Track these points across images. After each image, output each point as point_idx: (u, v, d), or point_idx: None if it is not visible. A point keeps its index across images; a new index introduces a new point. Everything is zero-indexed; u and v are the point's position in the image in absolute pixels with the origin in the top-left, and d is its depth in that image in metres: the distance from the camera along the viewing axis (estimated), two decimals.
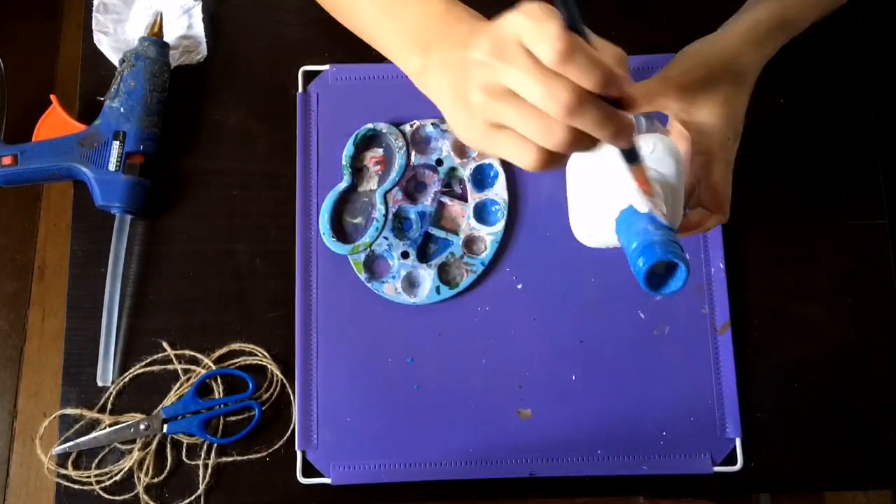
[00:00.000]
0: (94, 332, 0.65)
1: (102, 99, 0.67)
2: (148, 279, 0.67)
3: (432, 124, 0.68)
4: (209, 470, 0.63)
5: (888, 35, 0.70)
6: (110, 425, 0.64)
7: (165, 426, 0.63)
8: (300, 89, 0.69)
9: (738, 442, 0.64)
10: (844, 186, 0.69)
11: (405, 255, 0.66)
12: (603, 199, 0.49)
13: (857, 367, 0.66)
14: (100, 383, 0.64)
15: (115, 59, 0.70)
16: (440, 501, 0.64)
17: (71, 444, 0.63)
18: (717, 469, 0.63)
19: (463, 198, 0.68)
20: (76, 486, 0.63)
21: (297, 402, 0.64)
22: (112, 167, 0.65)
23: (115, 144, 0.66)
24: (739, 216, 0.67)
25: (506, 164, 0.68)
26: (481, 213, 0.67)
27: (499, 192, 0.67)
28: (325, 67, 0.70)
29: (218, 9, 0.72)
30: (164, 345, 0.65)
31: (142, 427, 0.63)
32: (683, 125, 0.53)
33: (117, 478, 0.63)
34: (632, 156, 0.44)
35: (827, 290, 0.67)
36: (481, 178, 0.68)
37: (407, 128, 0.68)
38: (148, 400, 0.65)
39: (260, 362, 0.65)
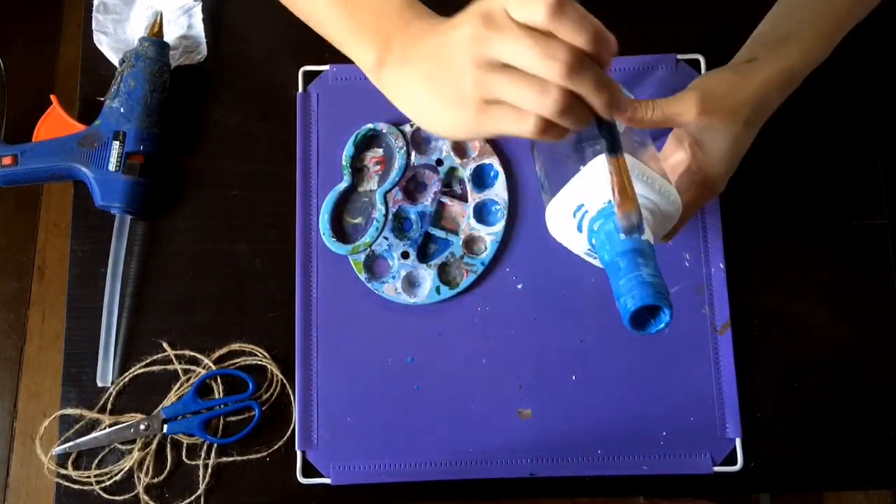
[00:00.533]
0: (94, 332, 0.65)
1: (102, 99, 0.67)
2: (148, 279, 0.67)
3: None
4: (209, 470, 0.63)
5: (888, 34, 0.70)
6: (110, 425, 0.64)
7: (165, 426, 0.63)
8: (300, 89, 0.69)
9: (738, 442, 0.64)
10: (844, 186, 0.69)
11: (405, 255, 0.66)
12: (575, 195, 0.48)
13: (856, 367, 0.66)
14: (100, 383, 0.64)
15: (115, 59, 0.70)
16: (440, 501, 0.64)
17: (71, 444, 0.63)
18: (717, 469, 0.63)
19: (463, 198, 0.68)
20: (76, 487, 0.63)
21: (297, 402, 0.64)
22: (112, 167, 0.65)
23: (115, 144, 0.66)
24: (740, 216, 0.67)
25: (506, 164, 0.68)
26: (481, 213, 0.67)
27: (499, 192, 0.67)
28: (325, 67, 0.70)
29: (218, 9, 0.72)
30: (164, 345, 0.65)
31: (142, 427, 0.63)
32: (692, 143, 0.54)
33: (117, 478, 0.63)
34: (615, 145, 0.43)
35: (827, 290, 0.67)
36: (481, 178, 0.68)
37: (407, 128, 0.68)
38: (148, 400, 0.65)
39: (260, 362, 0.65)
